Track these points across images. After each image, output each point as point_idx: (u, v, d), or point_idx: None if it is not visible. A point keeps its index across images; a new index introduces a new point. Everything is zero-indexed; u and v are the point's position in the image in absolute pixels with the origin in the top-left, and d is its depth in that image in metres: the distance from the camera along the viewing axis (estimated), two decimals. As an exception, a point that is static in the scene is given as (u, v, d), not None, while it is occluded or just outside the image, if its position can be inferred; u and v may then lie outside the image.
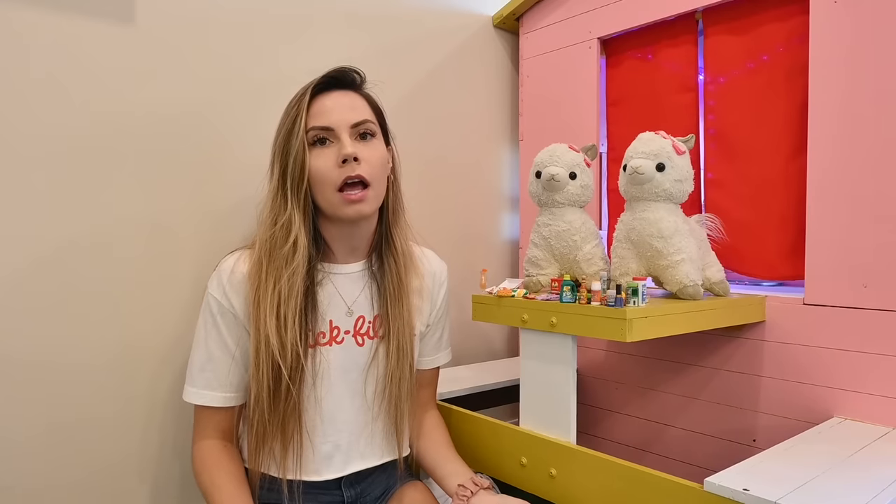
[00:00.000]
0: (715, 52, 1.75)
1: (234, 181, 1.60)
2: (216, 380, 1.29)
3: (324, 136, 1.26)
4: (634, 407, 1.90)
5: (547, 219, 1.52)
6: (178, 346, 1.52)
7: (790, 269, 1.63)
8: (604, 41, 1.99)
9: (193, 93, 1.53)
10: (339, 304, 1.34)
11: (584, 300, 1.32)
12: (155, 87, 1.47)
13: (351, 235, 1.34)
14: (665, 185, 1.39)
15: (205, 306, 1.29)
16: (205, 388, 1.29)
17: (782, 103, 1.62)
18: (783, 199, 1.63)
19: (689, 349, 1.75)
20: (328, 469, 1.33)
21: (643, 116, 1.92)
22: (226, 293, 1.27)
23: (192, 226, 1.55)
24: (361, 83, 1.36)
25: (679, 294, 1.42)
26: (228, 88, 1.59)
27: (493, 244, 2.27)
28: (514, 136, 2.31)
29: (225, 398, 1.29)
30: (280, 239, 1.24)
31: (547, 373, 1.42)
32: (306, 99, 1.27)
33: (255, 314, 1.23)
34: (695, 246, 1.45)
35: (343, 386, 1.34)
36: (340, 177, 1.24)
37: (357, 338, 1.35)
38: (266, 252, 1.25)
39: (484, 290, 1.52)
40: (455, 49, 2.13)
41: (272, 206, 1.27)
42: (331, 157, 1.25)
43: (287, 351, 1.22)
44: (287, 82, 1.64)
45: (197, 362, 1.29)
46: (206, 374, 1.29)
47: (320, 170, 1.25)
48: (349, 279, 1.36)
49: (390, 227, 1.38)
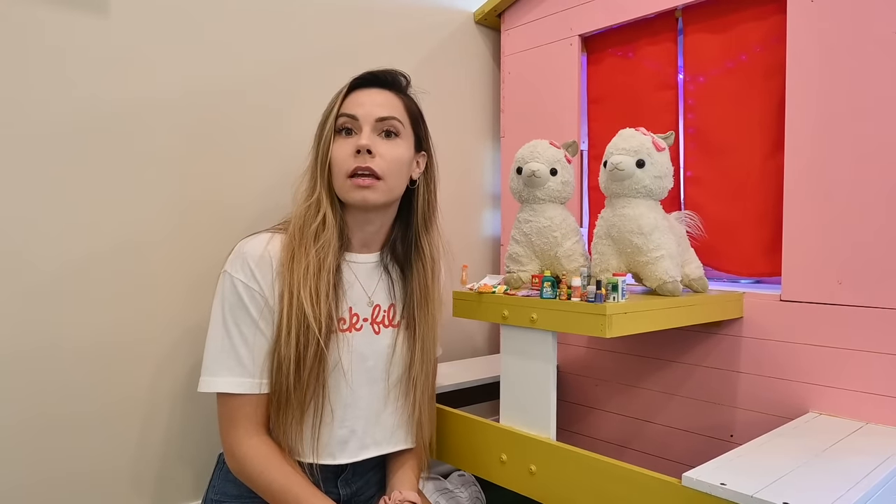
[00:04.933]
0: (694, 51, 1.77)
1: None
2: (251, 365, 1.26)
3: (349, 125, 1.31)
4: (614, 403, 1.91)
5: (528, 215, 1.52)
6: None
7: (767, 265, 1.65)
8: (585, 38, 2.01)
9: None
10: (358, 292, 1.36)
11: (564, 296, 1.33)
12: (130, 76, 1.47)
13: (362, 226, 1.36)
14: (645, 182, 1.40)
15: (226, 290, 1.27)
16: (233, 375, 1.25)
17: (760, 102, 1.64)
18: (761, 196, 1.65)
19: (668, 345, 1.76)
20: (342, 453, 1.33)
21: (624, 114, 1.93)
22: (253, 275, 1.26)
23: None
24: (403, 86, 1.40)
25: (658, 290, 1.43)
26: (197, 85, 1.59)
27: (473, 240, 2.28)
28: (495, 133, 2.32)
29: (261, 384, 1.26)
30: (311, 216, 1.29)
31: (527, 369, 1.42)
32: (344, 91, 1.34)
33: (288, 282, 1.25)
34: (674, 242, 1.46)
35: (362, 373, 1.35)
36: (351, 166, 1.28)
37: (374, 326, 1.37)
38: (299, 228, 1.28)
39: (465, 286, 1.53)
40: (436, 46, 2.14)
41: (307, 184, 1.32)
42: (349, 147, 1.29)
43: (322, 319, 1.24)
44: (256, 78, 1.65)
45: (219, 349, 1.26)
46: (230, 360, 1.25)
47: (338, 157, 1.30)
48: (366, 269, 1.38)
49: (419, 233, 1.41)
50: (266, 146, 1.69)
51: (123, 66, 1.46)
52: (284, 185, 1.43)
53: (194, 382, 1.54)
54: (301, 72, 1.76)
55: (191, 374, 1.56)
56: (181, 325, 1.55)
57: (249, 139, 1.66)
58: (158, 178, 1.52)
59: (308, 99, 1.73)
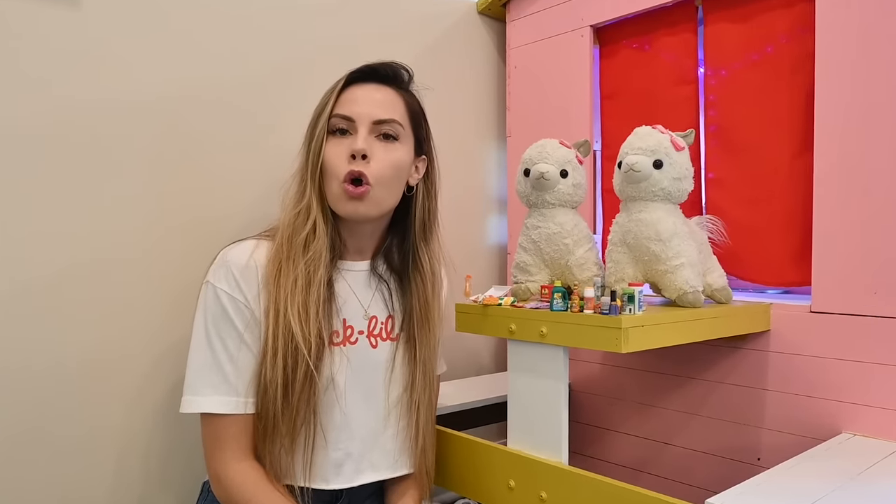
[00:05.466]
0: (716, 43, 1.77)
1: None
2: (237, 382, 1.25)
3: (344, 126, 1.30)
4: (631, 424, 1.91)
5: (536, 220, 1.52)
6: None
7: (796, 274, 1.64)
8: (597, 29, 2.01)
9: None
10: (353, 303, 1.36)
11: (576, 308, 1.33)
12: (103, 75, 1.47)
13: (354, 233, 1.37)
14: (663, 184, 1.40)
15: (209, 302, 1.26)
16: (219, 394, 1.25)
17: (787, 97, 1.64)
18: (788, 199, 1.65)
19: (689, 361, 1.76)
20: (337, 478, 1.33)
21: (639, 111, 1.94)
22: (237, 285, 1.26)
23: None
24: (405, 81, 1.39)
25: (678, 301, 1.43)
26: (178, 85, 1.59)
27: (477, 249, 2.28)
28: (500, 132, 2.32)
29: (246, 403, 1.26)
30: (300, 224, 1.28)
31: (537, 388, 1.42)
32: (339, 86, 1.32)
33: (274, 297, 1.24)
34: (695, 249, 1.46)
35: (357, 390, 1.34)
36: (345, 170, 1.28)
37: (371, 339, 1.37)
38: (287, 237, 1.27)
39: (468, 298, 1.52)
40: (436, 38, 2.14)
41: (296, 188, 1.31)
42: (344, 150, 1.29)
43: (311, 338, 1.23)
44: (243, 76, 1.65)
45: (203, 365, 1.25)
46: (215, 377, 1.25)
47: (331, 159, 1.29)
48: (360, 278, 1.39)
49: (417, 244, 1.41)
50: (253, 152, 1.69)
51: (96, 65, 1.45)
52: (272, 195, 1.42)
53: (176, 403, 1.53)
54: (291, 69, 1.76)
55: (172, 393, 1.56)
56: (162, 342, 1.55)
57: (235, 144, 1.66)
58: (135, 187, 1.51)
59: (299, 98, 1.71)
